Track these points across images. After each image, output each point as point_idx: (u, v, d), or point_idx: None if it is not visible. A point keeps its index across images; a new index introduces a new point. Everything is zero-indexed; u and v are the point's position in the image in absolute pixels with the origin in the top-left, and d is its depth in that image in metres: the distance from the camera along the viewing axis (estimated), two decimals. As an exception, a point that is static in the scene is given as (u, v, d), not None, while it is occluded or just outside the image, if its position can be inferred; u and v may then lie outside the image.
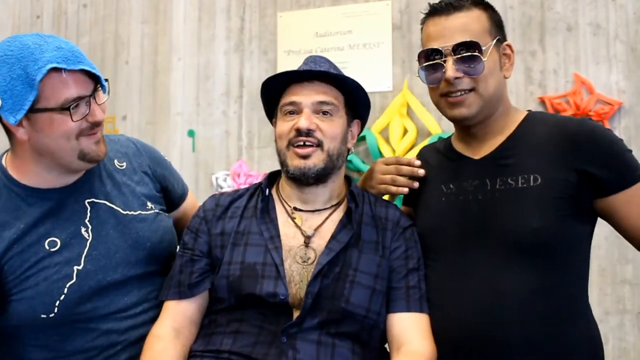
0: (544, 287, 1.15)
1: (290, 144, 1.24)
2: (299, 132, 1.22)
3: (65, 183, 1.23)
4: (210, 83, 2.96)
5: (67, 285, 1.18)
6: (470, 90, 1.21)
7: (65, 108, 1.12)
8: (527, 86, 2.52)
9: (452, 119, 1.27)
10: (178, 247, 1.34)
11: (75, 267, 1.19)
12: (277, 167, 1.34)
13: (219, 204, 1.32)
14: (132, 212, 1.30)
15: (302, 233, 1.25)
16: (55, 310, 1.17)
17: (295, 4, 2.86)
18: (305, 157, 1.22)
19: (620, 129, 2.38)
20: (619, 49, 2.41)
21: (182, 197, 1.49)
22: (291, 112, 1.26)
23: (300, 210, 1.29)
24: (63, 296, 1.17)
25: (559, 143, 1.19)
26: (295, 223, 1.27)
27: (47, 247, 1.18)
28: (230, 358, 1.15)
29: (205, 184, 2.91)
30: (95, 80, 1.18)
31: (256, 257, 1.21)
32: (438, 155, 1.38)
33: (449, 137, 1.40)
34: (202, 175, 2.92)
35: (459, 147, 1.33)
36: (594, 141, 1.17)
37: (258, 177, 2.75)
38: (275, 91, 1.31)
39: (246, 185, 2.13)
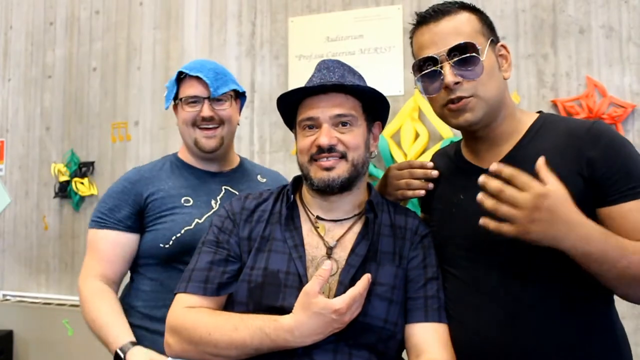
0: (560, 299, 1.12)
1: (313, 159, 1.23)
2: (321, 148, 1.21)
3: (209, 169, 1.65)
4: (222, 88, 2.97)
5: (185, 229, 1.52)
6: (471, 96, 1.17)
7: (181, 99, 1.58)
8: (539, 89, 2.51)
9: (457, 126, 1.24)
10: (201, 242, 1.34)
11: (196, 220, 1.53)
12: (289, 172, 1.34)
13: (244, 207, 1.31)
14: None
15: (324, 244, 1.25)
16: (170, 243, 1.51)
17: (307, 9, 2.86)
18: (329, 169, 1.22)
19: (634, 132, 2.37)
20: (632, 51, 2.39)
21: None
22: (310, 127, 1.25)
23: (323, 219, 1.28)
24: (179, 234, 1.51)
25: (566, 148, 1.14)
26: (318, 233, 1.26)
27: (182, 202, 1.57)
28: None
29: (218, 188, 2.92)
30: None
31: (279, 265, 1.21)
32: (449, 163, 1.36)
33: (459, 142, 1.37)
34: (214, 179, 2.94)
35: (468, 156, 1.31)
36: (601, 144, 1.11)
37: (270, 182, 2.75)
38: (290, 104, 1.30)
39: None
